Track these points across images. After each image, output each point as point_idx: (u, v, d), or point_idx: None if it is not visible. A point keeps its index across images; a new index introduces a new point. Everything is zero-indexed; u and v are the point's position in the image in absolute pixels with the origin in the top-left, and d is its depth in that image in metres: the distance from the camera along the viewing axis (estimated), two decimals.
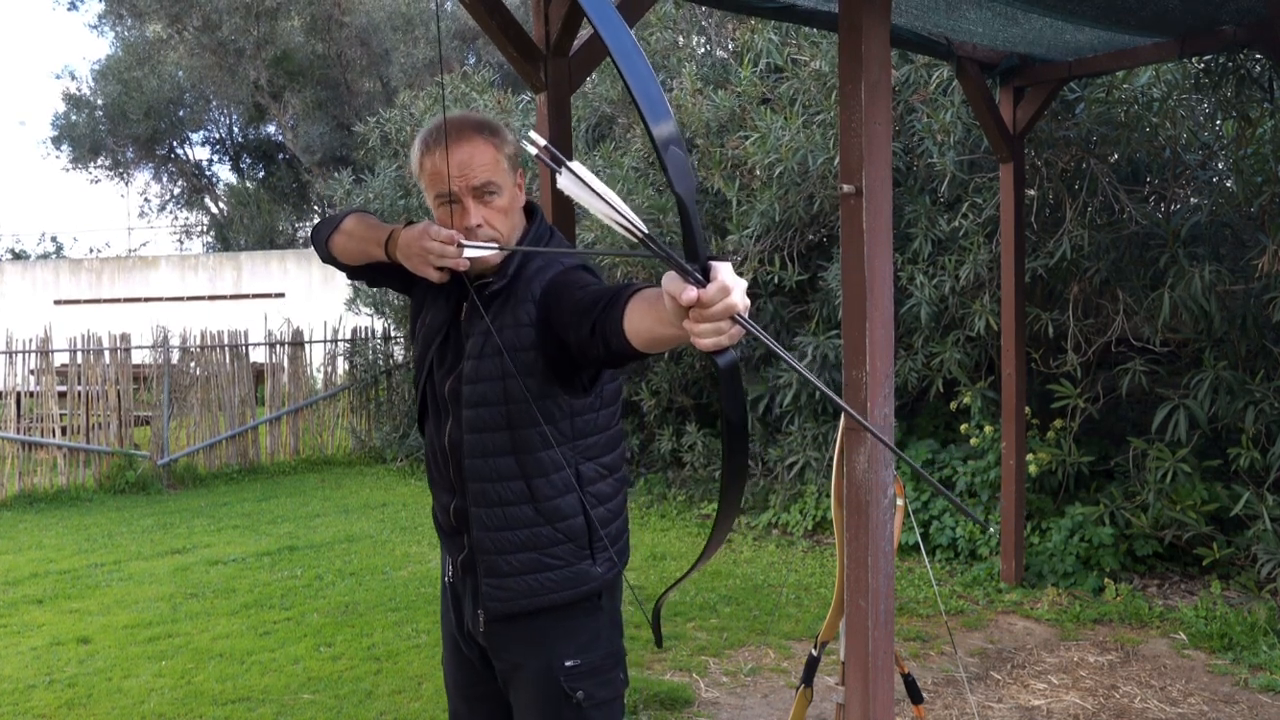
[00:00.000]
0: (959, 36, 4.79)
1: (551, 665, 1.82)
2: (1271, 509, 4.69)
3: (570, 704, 1.82)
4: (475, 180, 1.79)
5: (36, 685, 4.33)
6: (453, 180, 1.78)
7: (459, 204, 1.80)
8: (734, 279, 1.08)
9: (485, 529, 1.82)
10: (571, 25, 3.49)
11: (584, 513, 1.83)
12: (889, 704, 2.69)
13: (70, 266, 19.23)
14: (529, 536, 1.81)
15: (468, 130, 1.80)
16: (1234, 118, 5.27)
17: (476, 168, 1.79)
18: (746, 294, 1.10)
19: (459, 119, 1.82)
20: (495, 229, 1.81)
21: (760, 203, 6.44)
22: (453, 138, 1.78)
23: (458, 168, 1.78)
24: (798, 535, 6.58)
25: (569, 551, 1.83)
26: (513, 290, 1.82)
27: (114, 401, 9.28)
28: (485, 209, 1.80)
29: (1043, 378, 5.72)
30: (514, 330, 1.79)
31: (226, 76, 19.86)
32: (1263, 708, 3.87)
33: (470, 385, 1.82)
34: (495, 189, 1.81)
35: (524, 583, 1.81)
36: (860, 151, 2.57)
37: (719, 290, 1.07)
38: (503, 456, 1.80)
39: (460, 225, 1.79)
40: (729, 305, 1.07)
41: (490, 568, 1.83)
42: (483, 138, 1.81)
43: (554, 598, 1.82)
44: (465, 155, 1.78)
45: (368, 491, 8.92)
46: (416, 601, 5.42)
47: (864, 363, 2.61)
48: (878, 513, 2.62)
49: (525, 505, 1.80)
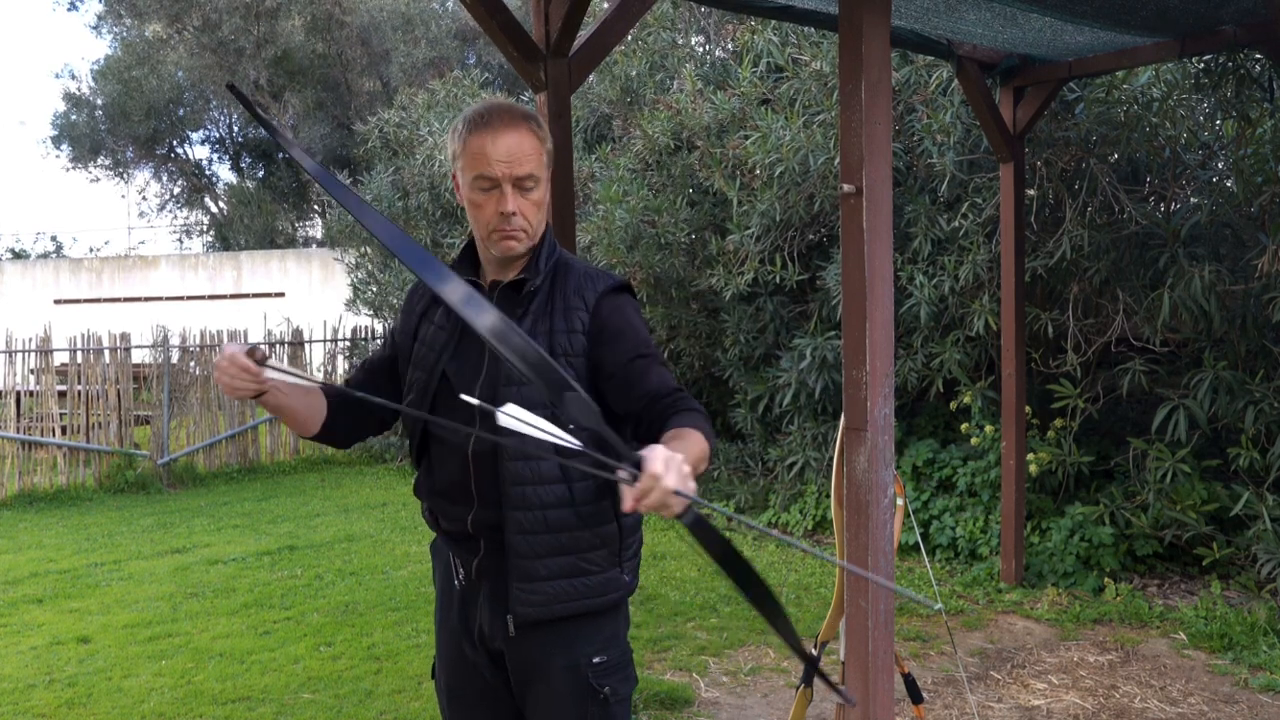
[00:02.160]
0: (959, 37, 4.79)
1: (579, 663, 1.83)
2: (1271, 509, 4.69)
3: (598, 700, 1.83)
4: (520, 170, 1.78)
5: (36, 685, 4.33)
6: (498, 165, 1.77)
7: (497, 189, 1.79)
8: (663, 463, 1.31)
9: (523, 532, 1.79)
10: (571, 25, 3.49)
11: (615, 519, 1.83)
12: (889, 704, 2.69)
13: (70, 266, 19.22)
14: (570, 540, 1.80)
15: (518, 118, 1.80)
16: (1234, 118, 5.27)
17: (524, 157, 1.78)
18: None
19: (509, 105, 1.83)
20: (528, 219, 1.81)
21: (760, 202, 6.44)
22: (504, 122, 1.78)
23: (505, 153, 1.77)
24: (798, 535, 6.58)
25: (603, 558, 1.83)
26: (560, 291, 1.83)
27: (114, 401, 9.28)
28: (522, 199, 1.80)
29: (1043, 378, 5.72)
30: (566, 335, 1.79)
31: (226, 76, 19.84)
32: (1263, 708, 3.87)
33: (514, 388, 1.76)
34: (535, 182, 1.81)
35: (558, 587, 1.80)
36: (860, 151, 2.57)
37: (649, 480, 1.31)
38: (545, 460, 1.77)
39: (496, 211, 1.79)
40: (663, 490, 1.31)
41: (524, 572, 1.80)
42: (530, 128, 1.81)
43: (587, 604, 1.82)
44: (514, 143, 1.77)
45: (368, 491, 8.92)
46: (416, 601, 5.41)
47: (864, 362, 2.61)
48: (878, 513, 2.62)
49: (566, 509, 1.79)
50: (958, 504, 5.92)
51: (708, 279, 6.92)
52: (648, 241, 7.09)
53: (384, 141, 10.70)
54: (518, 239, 1.81)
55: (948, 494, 6.04)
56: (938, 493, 6.08)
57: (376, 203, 10.18)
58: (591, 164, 8.00)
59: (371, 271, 10.95)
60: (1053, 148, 5.45)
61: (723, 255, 6.83)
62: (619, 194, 7.10)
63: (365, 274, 11.00)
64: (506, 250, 1.82)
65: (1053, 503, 5.70)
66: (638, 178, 7.34)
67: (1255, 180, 5.03)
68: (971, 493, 5.92)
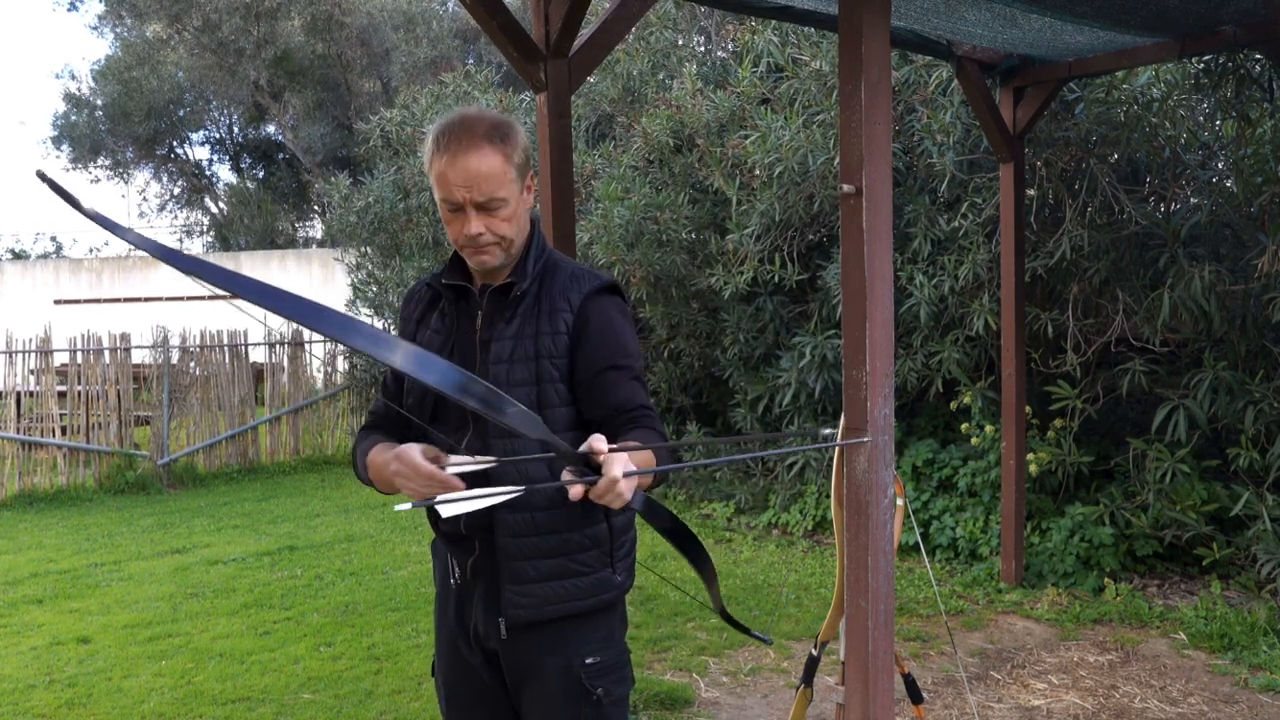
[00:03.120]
0: (959, 37, 4.79)
1: (572, 664, 1.83)
2: (1271, 509, 4.69)
3: (590, 701, 1.83)
4: (480, 196, 1.76)
5: (36, 685, 4.33)
6: (458, 190, 1.75)
7: (462, 212, 1.78)
8: (620, 468, 1.48)
9: (513, 534, 1.80)
10: (571, 25, 3.49)
11: (606, 520, 1.84)
12: (889, 704, 2.69)
13: (70, 266, 19.23)
14: (559, 542, 1.80)
15: (478, 138, 1.75)
16: (1234, 118, 5.27)
17: (483, 183, 1.75)
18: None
19: (471, 121, 1.78)
20: (498, 235, 1.80)
21: (760, 202, 6.44)
22: (462, 146, 1.75)
23: (464, 179, 1.74)
24: (798, 535, 6.58)
25: (594, 558, 1.83)
26: (547, 293, 1.82)
27: (114, 401, 9.28)
28: (489, 218, 1.78)
29: (1042, 378, 5.72)
30: (551, 337, 1.79)
31: (226, 76, 19.86)
32: (1263, 708, 3.87)
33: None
34: (500, 203, 1.78)
35: (550, 589, 1.80)
36: (860, 151, 2.57)
37: (608, 483, 1.48)
38: (534, 464, 1.77)
39: (462, 233, 1.79)
40: (618, 494, 1.49)
41: (515, 574, 1.80)
42: (492, 147, 1.76)
43: (578, 605, 1.82)
44: (473, 167, 1.74)
45: (368, 491, 8.91)
46: (416, 601, 5.41)
47: (864, 362, 2.60)
48: (878, 513, 2.62)
49: (555, 511, 1.79)
50: (958, 504, 5.92)
51: (707, 278, 6.92)
52: (648, 240, 7.09)
53: (385, 140, 10.70)
54: (489, 254, 1.81)
55: (948, 494, 6.05)
56: (938, 493, 6.08)
57: (378, 204, 10.19)
58: (594, 160, 8.00)
59: (372, 271, 10.95)
60: (1053, 148, 5.45)
61: (722, 255, 6.83)
62: (619, 192, 7.10)
63: (366, 274, 11.00)
64: (481, 264, 1.83)
65: (1053, 503, 5.70)
66: (639, 175, 7.34)
67: (1255, 180, 5.03)
68: (971, 493, 5.92)
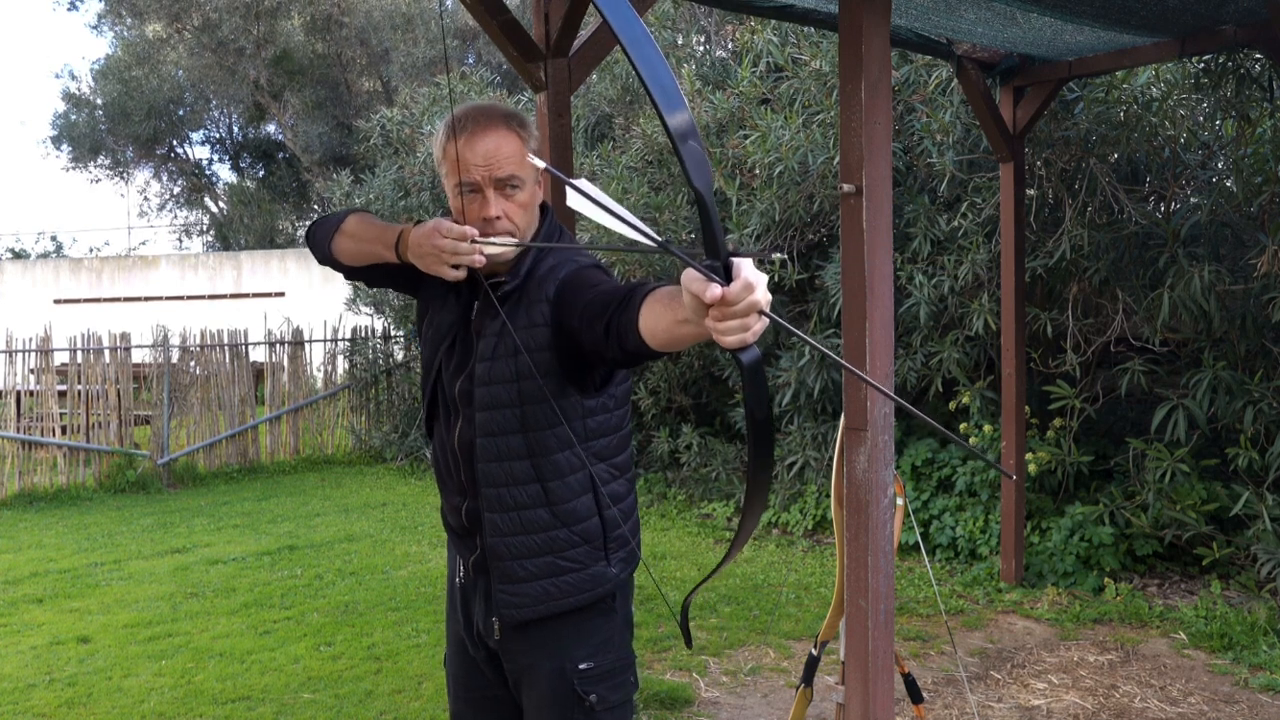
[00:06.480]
0: (959, 36, 4.79)
1: (565, 668, 1.80)
2: (1271, 509, 4.69)
3: (582, 708, 1.80)
4: (500, 172, 1.73)
5: (36, 684, 4.33)
6: (476, 169, 1.72)
7: (480, 194, 1.74)
8: (756, 275, 1.07)
9: (500, 534, 1.78)
10: (571, 25, 3.49)
11: (599, 514, 1.81)
12: (889, 704, 2.69)
13: (70, 266, 19.22)
14: (546, 541, 1.78)
15: (496, 119, 1.75)
16: (1234, 118, 5.27)
17: (502, 159, 1.73)
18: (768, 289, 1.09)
19: (487, 107, 1.77)
20: (514, 222, 1.76)
21: (760, 202, 6.44)
22: (480, 126, 1.73)
23: (482, 157, 1.72)
24: (798, 535, 6.58)
25: (585, 554, 1.80)
26: (526, 290, 1.78)
27: (114, 401, 9.28)
28: (506, 202, 1.75)
29: (1042, 377, 5.72)
30: (529, 330, 1.75)
31: (226, 76, 19.85)
32: (1263, 707, 3.87)
33: (484, 388, 1.77)
34: (518, 183, 1.76)
35: (540, 588, 1.79)
36: (860, 151, 2.57)
37: (743, 288, 1.05)
38: (518, 460, 1.76)
39: (479, 216, 1.74)
40: (752, 303, 1.06)
41: (505, 574, 1.79)
42: (510, 129, 1.75)
43: (570, 602, 1.80)
44: (492, 145, 1.72)
45: (368, 491, 8.92)
46: (416, 601, 5.42)
47: (864, 362, 2.61)
48: (878, 512, 2.62)
49: (541, 509, 1.77)
50: (957, 504, 5.92)
51: None
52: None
53: (385, 139, 10.69)
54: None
55: (947, 494, 6.05)
56: (937, 492, 6.08)
57: (378, 201, 10.18)
58: (593, 161, 8.00)
59: None
60: (1053, 147, 5.45)
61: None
62: (618, 192, 7.10)
63: None
64: (495, 261, 1.78)
65: (1052, 502, 5.71)
66: (638, 176, 7.34)
67: (1255, 180, 5.04)
68: (971, 492, 5.92)
